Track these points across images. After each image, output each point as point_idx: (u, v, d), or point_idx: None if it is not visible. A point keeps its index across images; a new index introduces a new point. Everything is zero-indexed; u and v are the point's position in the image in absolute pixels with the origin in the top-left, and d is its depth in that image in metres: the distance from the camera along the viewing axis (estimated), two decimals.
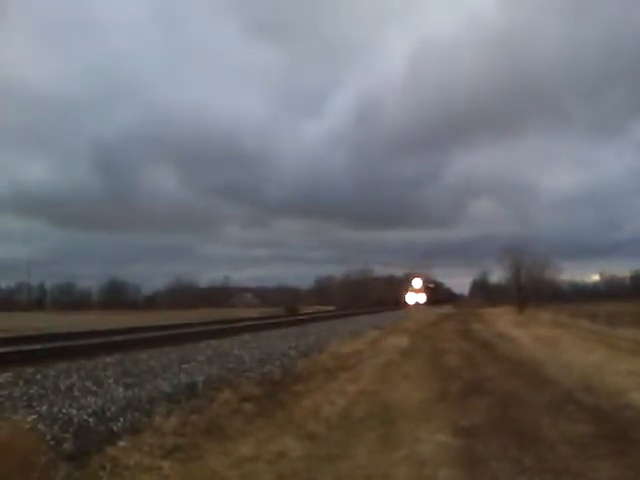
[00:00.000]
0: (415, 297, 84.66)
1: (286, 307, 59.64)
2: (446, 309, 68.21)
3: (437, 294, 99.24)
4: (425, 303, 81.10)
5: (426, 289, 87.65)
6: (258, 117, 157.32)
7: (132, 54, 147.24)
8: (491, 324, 30.55)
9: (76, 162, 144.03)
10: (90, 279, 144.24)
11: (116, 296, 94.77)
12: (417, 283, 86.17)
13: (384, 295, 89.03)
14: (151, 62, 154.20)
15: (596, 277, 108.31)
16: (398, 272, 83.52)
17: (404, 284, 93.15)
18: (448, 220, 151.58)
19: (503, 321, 33.17)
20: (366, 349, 16.32)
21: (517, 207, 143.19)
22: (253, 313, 46.80)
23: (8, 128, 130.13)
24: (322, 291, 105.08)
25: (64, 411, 6.68)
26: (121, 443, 6.01)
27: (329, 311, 51.70)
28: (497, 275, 69.23)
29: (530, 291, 54.93)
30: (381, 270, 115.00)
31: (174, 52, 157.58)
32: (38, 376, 8.71)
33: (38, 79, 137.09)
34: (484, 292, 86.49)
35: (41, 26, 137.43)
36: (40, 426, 6.02)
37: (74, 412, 6.68)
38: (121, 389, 8.18)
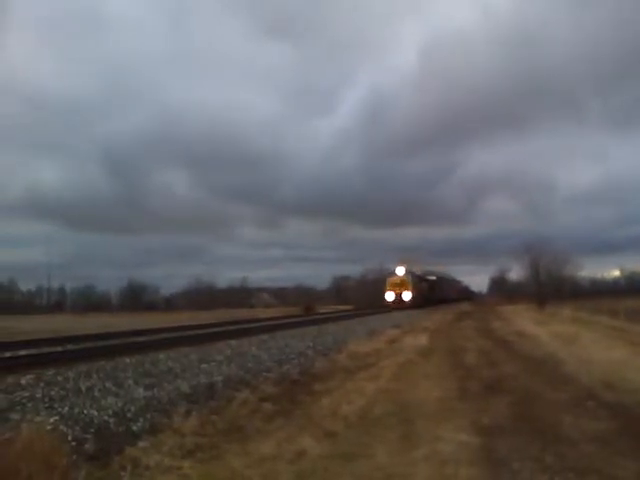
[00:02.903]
0: (395, 294, 54.48)
1: (304, 307, 59.73)
2: (459, 309, 56.58)
3: (443, 291, 77.60)
4: (414, 301, 53.59)
5: (417, 283, 57.80)
6: (270, 116, 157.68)
7: (141, 55, 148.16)
8: (510, 322, 30.26)
9: (89, 165, 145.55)
10: (109, 282, 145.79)
11: (135, 298, 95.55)
12: (400, 271, 55.77)
13: None
14: (161, 63, 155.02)
15: (616, 273, 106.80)
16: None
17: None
18: (463, 217, 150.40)
19: (522, 318, 32.85)
20: (384, 348, 16.27)
21: (533, 203, 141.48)
22: (271, 313, 46.89)
23: (19, 132, 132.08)
24: (339, 291, 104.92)
25: (85, 412, 6.76)
26: (141, 443, 6.07)
27: (346, 310, 51.67)
28: (516, 272, 68.74)
29: (549, 288, 54.39)
30: None
31: (184, 52, 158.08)
32: (59, 378, 8.82)
33: (48, 81, 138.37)
34: (503, 289, 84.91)
35: (49, 27, 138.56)
36: (62, 427, 6.11)
37: (95, 413, 6.76)
38: (141, 390, 8.25)
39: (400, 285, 53.90)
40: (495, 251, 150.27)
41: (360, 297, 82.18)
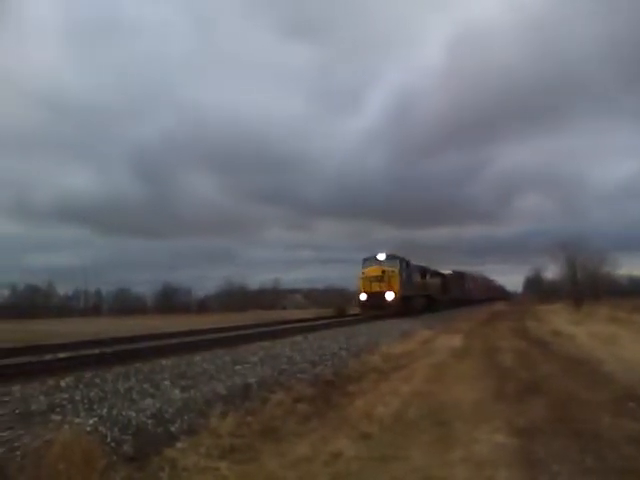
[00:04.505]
0: (370, 293, 34.62)
1: (336, 308, 59.76)
2: (493, 309, 54.65)
3: (464, 289, 62.00)
4: (404, 304, 34.29)
5: (411, 276, 37.68)
6: (296, 118, 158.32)
7: (166, 58, 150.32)
8: (546, 321, 29.74)
9: (119, 170, 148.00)
10: (143, 284, 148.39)
11: (168, 300, 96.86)
12: (381, 257, 35.62)
13: None
14: (185, 65, 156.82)
15: None
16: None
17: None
18: (496, 216, 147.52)
19: (559, 318, 32.25)
20: (418, 349, 16.17)
21: (567, 200, 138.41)
22: (303, 314, 47.01)
23: (48, 138, 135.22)
24: None
25: (123, 413, 6.87)
26: (179, 444, 6.14)
27: None
28: (551, 271, 67.40)
29: (586, 287, 53.27)
30: None
31: (210, 55, 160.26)
32: (97, 380, 8.98)
33: (75, 87, 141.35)
34: (538, 289, 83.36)
35: (76, 33, 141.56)
36: (101, 428, 6.20)
37: (133, 414, 6.86)
38: (177, 391, 8.35)
39: (380, 279, 33.57)
40: (530, 250, 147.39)
41: None
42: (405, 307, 33.76)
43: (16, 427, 6.05)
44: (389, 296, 33.05)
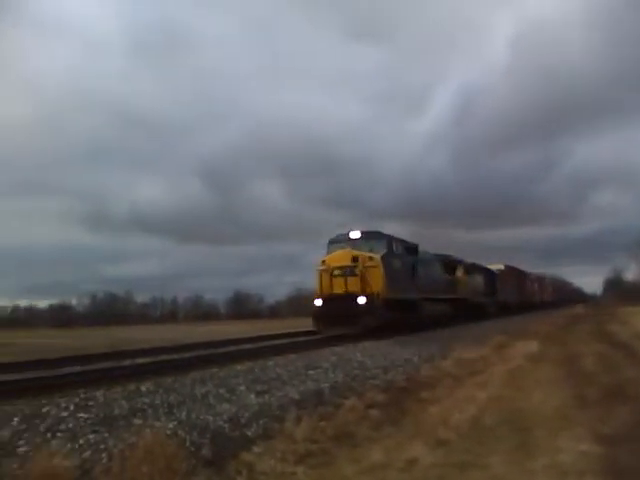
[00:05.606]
0: (329, 297, 19.42)
1: None
2: (571, 312, 50.62)
3: (521, 290, 50.58)
4: (382, 309, 19.03)
5: (393, 268, 20.58)
6: (360, 120, 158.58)
7: (231, 70, 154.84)
8: (629, 324, 28.29)
9: (189, 180, 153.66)
10: (216, 291, 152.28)
11: (240, 306, 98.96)
12: (354, 235, 20.76)
13: None
14: (250, 76, 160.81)
15: None
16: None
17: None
18: (570, 214, 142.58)
19: None
20: (492, 354, 15.74)
21: None
22: None
23: (121, 152, 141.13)
24: None
25: (201, 418, 7.03)
26: (255, 449, 6.22)
27: None
28: (632, 271, 64.18)
29: None
30: None
31: (273, 63, 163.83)
32: (176, 385, 9.24)
33: (143, 101, 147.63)
34: (619, 290, 79.29)
35: (143, 49, 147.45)
36: (180, 432, 6.38)
37: (210, 419, 7.02)
38: (252, 396, 8.48)
39: (349, 271, 19.62)
40: (608, 249, 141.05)
41: None
42: (393, 318, 20.09)
43: (100, 430, 6.28)
44: (361, 300, 18.89)
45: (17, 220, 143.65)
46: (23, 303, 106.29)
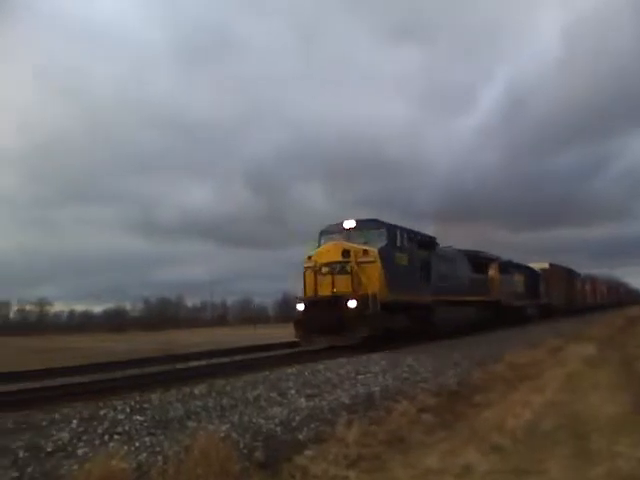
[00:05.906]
0: (312, 301, 16.39)
1: None
2: (630, 313, 44.63)
3: (569, 291, 44.98)
4: (378, 315, 15.69)
5: (395, 263, 17.11)
6: (406, 122, 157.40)
7: (275, 74, 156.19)
8: None
9: (236, 185, 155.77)
10: (264, 295, 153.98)
11: (289, 309, 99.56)
12: (349, 225, 17.55)
13: None
14: (294, 79, 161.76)
15: None
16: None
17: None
18: (626, 213, 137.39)
19: None
20: (546, 358, 15.33)
21: None
22: None
23: (169, 157, 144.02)
24: None
25: (254, 421, 7.09)
26: (307, 452, 6.21)
27: None
28: None
29: None
30: None
31: (317, 67, 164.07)
32: (228, 388, 9.36)
33: (189, 107, 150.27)
34: None
35: (186, 54, 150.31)
36: (233, 435, 6.44)
37: (262, 422, 7.06)
38: (303, 399, 8.51)
39: (339, 269, 16.32)
40: None
41: None
42: (395, 325, 17.27)
43: (156, 433, 6.42)
44: (351, 304, 15.71)
45: (73, 227, 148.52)
46: (79, 308, 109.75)
